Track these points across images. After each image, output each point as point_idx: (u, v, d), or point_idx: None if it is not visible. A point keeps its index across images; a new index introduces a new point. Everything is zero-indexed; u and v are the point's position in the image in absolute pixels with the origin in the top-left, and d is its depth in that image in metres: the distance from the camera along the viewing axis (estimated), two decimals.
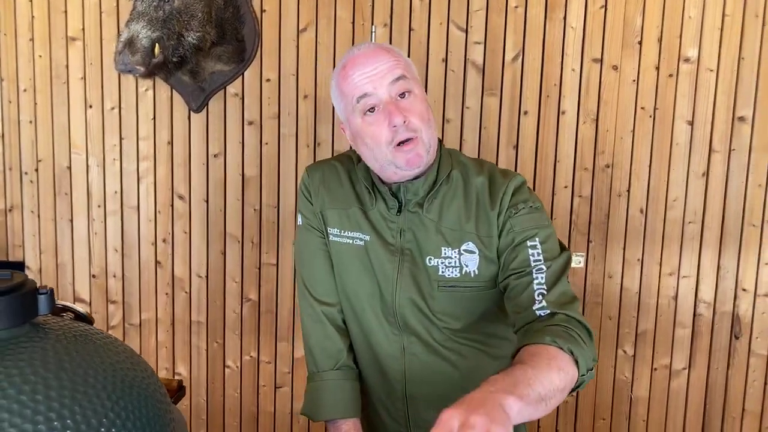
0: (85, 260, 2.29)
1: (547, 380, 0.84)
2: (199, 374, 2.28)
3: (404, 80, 1.07)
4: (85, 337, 0.57)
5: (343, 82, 1.10)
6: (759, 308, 2.05)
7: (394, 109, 1.05)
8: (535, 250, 1.06)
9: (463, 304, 1.13)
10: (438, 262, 1.11)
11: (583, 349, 0.93)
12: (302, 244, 1.23)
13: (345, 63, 1.11)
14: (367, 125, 1.07)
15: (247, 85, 2.13)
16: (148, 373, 0.59)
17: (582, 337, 0.95)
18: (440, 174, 1.13)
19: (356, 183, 1.18)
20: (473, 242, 1.10)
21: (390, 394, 1.20)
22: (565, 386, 0.88)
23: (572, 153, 2.05)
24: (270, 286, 2.22)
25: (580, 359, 0.91)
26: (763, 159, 2.00)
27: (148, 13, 1.85)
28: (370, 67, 1.07)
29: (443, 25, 2.03)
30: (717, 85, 1.98)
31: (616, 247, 2.08)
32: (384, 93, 1.06)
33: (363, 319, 1.19)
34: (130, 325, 2.30)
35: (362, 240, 1.16)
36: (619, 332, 2.11)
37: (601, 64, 2.00)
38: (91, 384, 0.51)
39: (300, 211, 1.23)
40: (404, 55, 1.12)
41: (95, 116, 2.22)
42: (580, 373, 0.91)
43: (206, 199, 2.21)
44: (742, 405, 2.10)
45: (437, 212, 1.12)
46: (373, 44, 1.12)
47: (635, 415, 2.14)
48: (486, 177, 1.13)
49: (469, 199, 1.12)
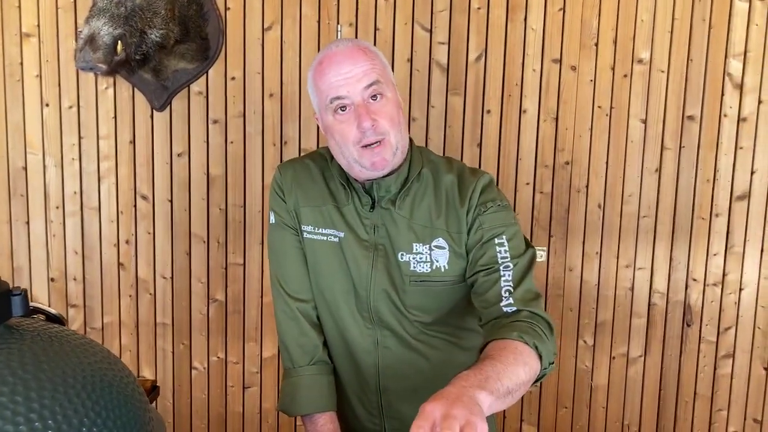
0: (43, 263, 2.22)
1: (515, 375, 0.89)
2: (165, 377, 2.25)
3: (377, 85, 1.09)
4: (60, 338, 0.56)
5: (319, 79, 1.12)
6: (708, 297, 2.17)
7: (363, 112, 1.08)
8: (502, 247, 1.11)
9: (434, 298, 1.16)
10: (410, 257, 1.14)
11: (546, 344, 0.98)
12: (275, 242, 1.24)
13: (322, 59, 1.12)
14: (338, 123, 1.10)
15: (212, 83, 2.11)
16: (126, 373, 0.59)
17: (545, 332, 1.01)
18: (411, 172, 1.16)
19: (330, 180, 1.20)
20: (443, 238, 1.14)
21: (364, 386, 1.22)
22: (529, 379, 0.94)
23: (533, 151, 2.12)
24: (237, 286, 2.20)
25: (543, 354, 0.97)
26: (711, 155, 2.11)
27: (110, 9, 1.81)
28: (346, 69, 1.09)
29: (408, 25, 2.06)
30: (668, 85, 2.08)
31: (575, 241, 2.15)
32: (357, 96, 1.09)
33: (337, 315, 1.21)
34: (91, 329, 2.24)
35: (337, 237, 1.18)
36: (580, 323, 2.19)
37: (560, 65, 2.07)
38: (70, 384, 0.51)
39: (272, 209, 1.23)
40: (380, 56, 1.14)
41: (52, 115, 2.16)
42: (543, 366, 0.97)
43: (170, 199, 2.17)
44: (694, 389, 2.21)
45: (409, 209, 1.15)
46: (351, 43, 1.13)
47: (595, 402, 2.23)
48: (455, 175, 1.17)
49: (439, 197, 1.16)
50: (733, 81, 2.07)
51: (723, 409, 2.21)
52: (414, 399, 0.90)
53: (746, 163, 2.10)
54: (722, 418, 2.22)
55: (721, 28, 2.05)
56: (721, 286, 2.16)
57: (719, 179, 2.11)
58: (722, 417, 2.22)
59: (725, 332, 2.18)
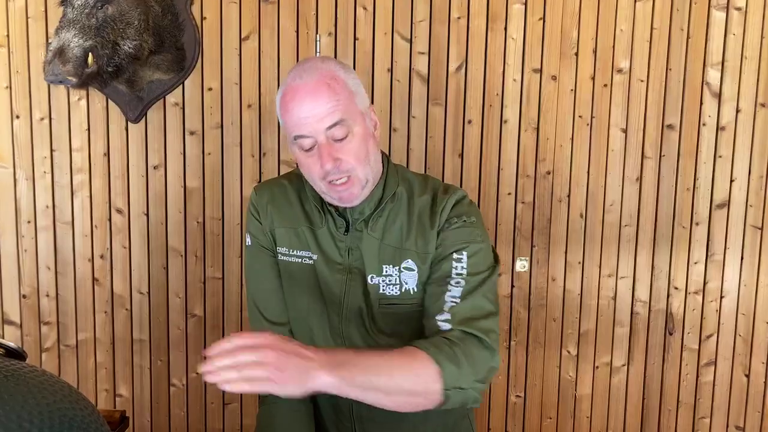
0: (15, 279, 2.16)
1: (389, 377, 0.91)
2: (142, 395, 2.19)
3: (341, 124, 1.05)
4: (17, 377, 0.53)
5: (284, 113, 1.09)
6: (690, 305, 2.17)
7: (326, 154, 1.05)
8: (459, 263, 1.08)
9: (404, 323, 1.14)
10: (379, 280, 1.13)
11: (457, 366, 0.95)
12: (252, 264, 1.22)
13: (286, 90, 1.08)
14: (304, 157, 1.09)
15: (188, 94, 2.07)
16: (89, 411, 0.56)
17: (468, 355, 0.97)
18: (386, 192, 1.14)
19: (305, 202, 1.18)
20: (412, 259, 1.12)
21: (339, 414, 1.20)
22: (416, 390, 0.94)
23: (515, 160, 2.11)
24: (216, 301, 2.16)
25: (446, 374, 0.94)
26: (690, 164, 2.12)
27: (80, 20, 1.76)
28: (308, 107, 1.04)
29: (388, 35, 2.04)
30: (647, 94, 2.08)
31: (558, 250, 2.15)
32: (320, 135, 1.05)
33: (312, 339, 1.19)
34: (65, 346, 2.18)
35: (311, 259, 1.16)
36: (563, 333, 2.18)
37: (540, 74, 2.07)
38: (26, 429, 0.48)
39: (249, 231, 1.21)
40: (348, 85, 1.08)
41: (23, 127, 2.10)
42: (445, 387, 0.94)
43: (146, 212, 2.13)
44: (677, 397, 2.21)
45: (381, 230, 1.13)
46: (317, 75, 1.06)
47: (579, 412, 2.22)
48: (430, 195, 1.15)
49: (412, 217, 1.14)
50: (711, 90, 2.08)
51: (706, 416, 2.22)
52: (389, 426, 0.88)
53: (725, 171, 2.11)
54: (705, 425, 2.22)
55: (699, 38, 2.06)
56: (702, 294, 2.17)
57: (699, 187, 2.12)
58: (705, 425, 2.22)
59: (707, 340, 2.19)
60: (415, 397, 0.94)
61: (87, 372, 2.18)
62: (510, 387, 2.20)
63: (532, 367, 2.19)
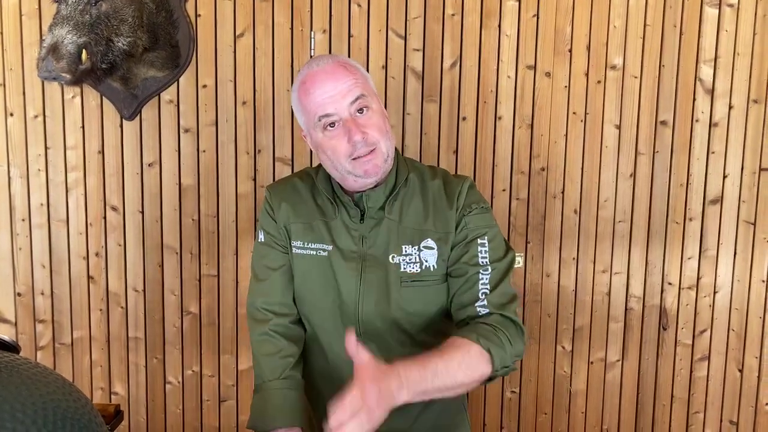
0: (9, 277, 2.15)
1: (451, 377, 0.99)
2: (138, 392, 2.19)
3: (362, 98, 1.13)
4: (10, 369, 0.53)
5: (305, 98, 1.15)
6: (683, 300, 2.19)
7: (353, 127, 1.12)
8: (483, 248, 1.17)
9: (424, 299, 1.20)
10: (400, 259, 1.19)
11: (503, 349, 1.07)
12: (260, 258, 1.27)
13: (305, 78, 1.15)
14: (328, 139, 1.14)
15: (183, 91, 2.07)
16: (82, 403, 0.56)
17: (509, 337, 1.09)
18: (399, 178, 1.22)
19: (317, 196, 1.24)
20: (432, 239, 1.19)
21: None
22: (470, 382, 1.03)
23: (509, 157, 2.11)
24: (211, 298, 2.16)
25: (496, 359, 1.05)
26: (684, 160, 2.13)
27: (74, 17, 1.76)
28: (330, 86, 1.12)
29: (382, 32, 2.04)
30: (641, 90, 2.09)
31: (552, 246, 2.15)
32: (344, 112, 1.13)
33: (323, 330, 1.23)
34: (60, 344, 2.18)
35: (325, 250, 1.21)
36: (558, 329, 2.19)
37: (534, 71, 2.07)
38: (19, 420, 0.48)
39: (262, 227, 1.27)
40: (360, 69, 1.18)
41: (17, 125, 2.09)
42: (494, 369, 1.05)
43: (141, 210, 2.12)
44: (671, 392, 2.23)
45: (398, 213, 1.20)
46: (331, 59, 1.16)
47: (574, 407, 2.23)
48: (440, 179, 1.24)
49: (427, 200, 1.21)
50: (704, 86, 2.09)
51: (699, 411, 2.23)
52: (397, 415, 0.91)
53: (718, 167, 2.13)
54: (699, 420, 2.23)
55: (692, 34, 2.07)
56: (695, 290, 2.18)
57: (692, 183, 2.13)
58: (699, 419, 2.23)
59: (700, 335, 2.20)
60: (471, 384, 1.04)
61: (82, 370, 2.18)
62: (505, 382, 2.21)
63: (527, 363, 2.20)
